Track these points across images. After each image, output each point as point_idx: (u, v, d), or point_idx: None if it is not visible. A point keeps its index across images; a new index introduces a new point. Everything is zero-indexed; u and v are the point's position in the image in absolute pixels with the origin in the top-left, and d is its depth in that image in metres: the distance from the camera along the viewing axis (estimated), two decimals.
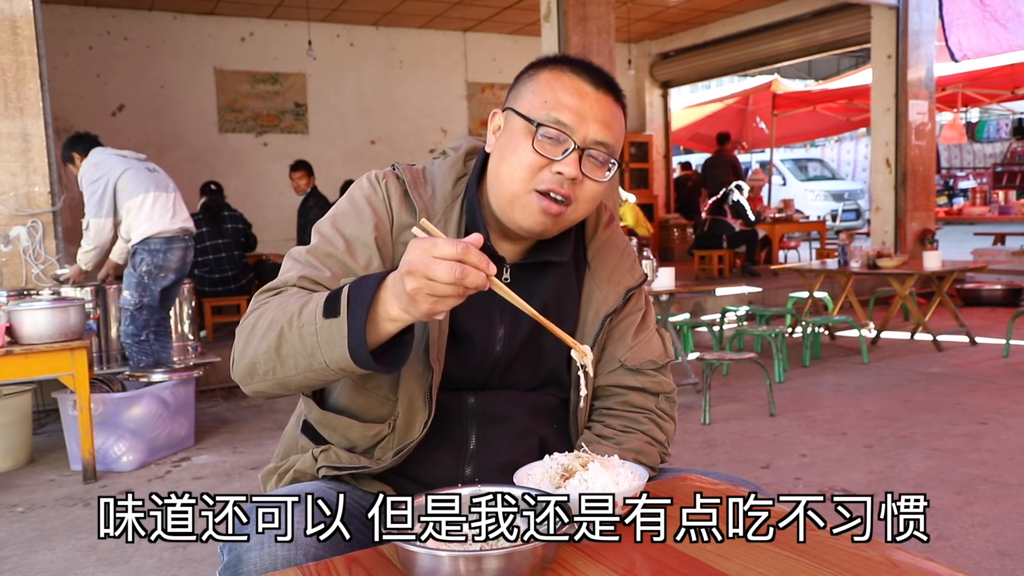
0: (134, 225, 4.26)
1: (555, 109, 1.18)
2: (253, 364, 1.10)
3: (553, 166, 1.17)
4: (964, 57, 8.15)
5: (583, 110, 1.18)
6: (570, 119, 1.17)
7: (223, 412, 4.86)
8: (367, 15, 9.54)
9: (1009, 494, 3.06)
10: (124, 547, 2.82)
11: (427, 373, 1.19)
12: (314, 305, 1.03)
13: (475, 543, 0.86)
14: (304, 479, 1.25)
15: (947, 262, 6.45)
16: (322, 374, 1.05)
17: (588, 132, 1.18)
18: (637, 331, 1.35)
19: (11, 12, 4.41)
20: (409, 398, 1.20)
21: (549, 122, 1.17)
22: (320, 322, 1.01)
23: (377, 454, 1.22)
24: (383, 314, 1.00)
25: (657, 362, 1.34)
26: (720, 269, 9.20)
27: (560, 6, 6.50)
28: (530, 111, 1.19)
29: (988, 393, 4.64)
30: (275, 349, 1.07)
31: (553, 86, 1.20)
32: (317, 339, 1.02)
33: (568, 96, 1.19)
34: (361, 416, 1.24)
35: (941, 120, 11.14)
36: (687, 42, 11.38)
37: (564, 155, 1.17)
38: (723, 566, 0.86)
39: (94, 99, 8.54)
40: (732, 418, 4.31)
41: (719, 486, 1.14)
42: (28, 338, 3.34)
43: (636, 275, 1.36)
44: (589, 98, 1.19)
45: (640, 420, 1.31)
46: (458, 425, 1.24)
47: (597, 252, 1.35)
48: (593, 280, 1.33)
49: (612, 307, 1.31)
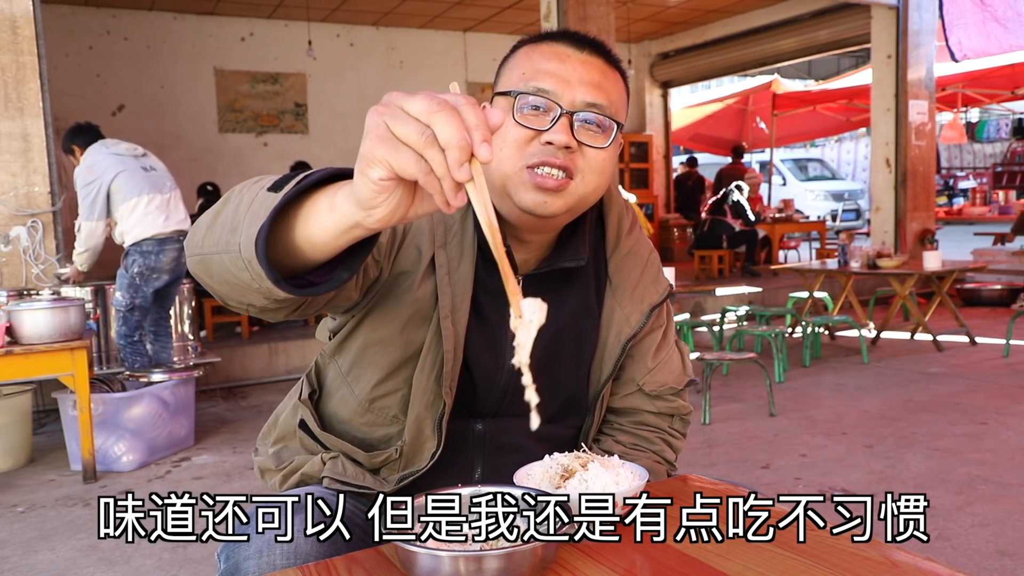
0: (127, 228, 4.26)
1: (535, 78, 1.06)
2: (196, 226, 0.92)
3: (542, 136, 1.05)
4: (964, 57, 8.15)
5: (566, 73, 1.06)
6: (552, 84, 1.06)
7: (223, 412, 4.86)
8: (367, 15, 9.54)
9: (1009, 494, 3.06)
10: (124, 547, 2.83)
11: (438, 403, 1.14)
12: (271, 179, 0.85)
13: (475, 543, 0.86)
14: (311, 482, 1.21)
15: (947, 262, 6.45)
16: (234, 272, 0.83)
17: (576, 95, 1.06)
18: (657, 351, 1.26)
19: (11, 12, 4.41)
20: (418, 425, 1.15)
21: (529, 90, 1.06)
22: (261, 194, 0.82)
23: (383, 474, 1.19)
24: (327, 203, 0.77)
25: (676, 387, 1.27)
26: (720, 269, 9.21)
27: (560, 6, 6.50)
28: (509, 86, 1.08)
29: (988, 393, 4.64)
30: (215, 214, 0.89)
31: (531, 56, 1.09)
32: (247, 210, 0.82)
33: (547, 62, 1.07)
34: (367, 436, 1.20)
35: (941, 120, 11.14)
36: (687, 42, 11.38)
37: (552, 123, 1.05)
38: (723, 566, 0.86)
39: (94, 99, 8.54)
40: (732, 418, 4.31)
41: (719, 486, 1.14)
42: (28, 338, 3.34)
43: (661, 288, 1.26)
44: (572, 59, 1.08)
45: (652, 440, 1.27)
46: (463, 453, 1.20)
47: (619, 265, 1.23)
48: (614, 297, 1.22)
49: (635, 329, 1.21)
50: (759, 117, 13.07)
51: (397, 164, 0.67)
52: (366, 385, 1.18)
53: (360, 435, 1.21)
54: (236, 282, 0.85)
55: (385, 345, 1.15)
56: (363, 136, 0.70)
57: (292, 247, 0.82)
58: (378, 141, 0.67)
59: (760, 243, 9.50)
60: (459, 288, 1.13)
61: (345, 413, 1.22)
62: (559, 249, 1.18)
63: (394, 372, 1.16)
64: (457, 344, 1.12)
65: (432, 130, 0.65)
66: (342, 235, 0.77)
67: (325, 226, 0.77)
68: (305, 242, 0.80)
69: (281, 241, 0.82)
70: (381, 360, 1.16)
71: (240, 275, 0.83)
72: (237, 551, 1.03)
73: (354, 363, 1.19)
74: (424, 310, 1.13)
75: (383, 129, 0.67)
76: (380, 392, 1.17)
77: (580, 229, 1.19)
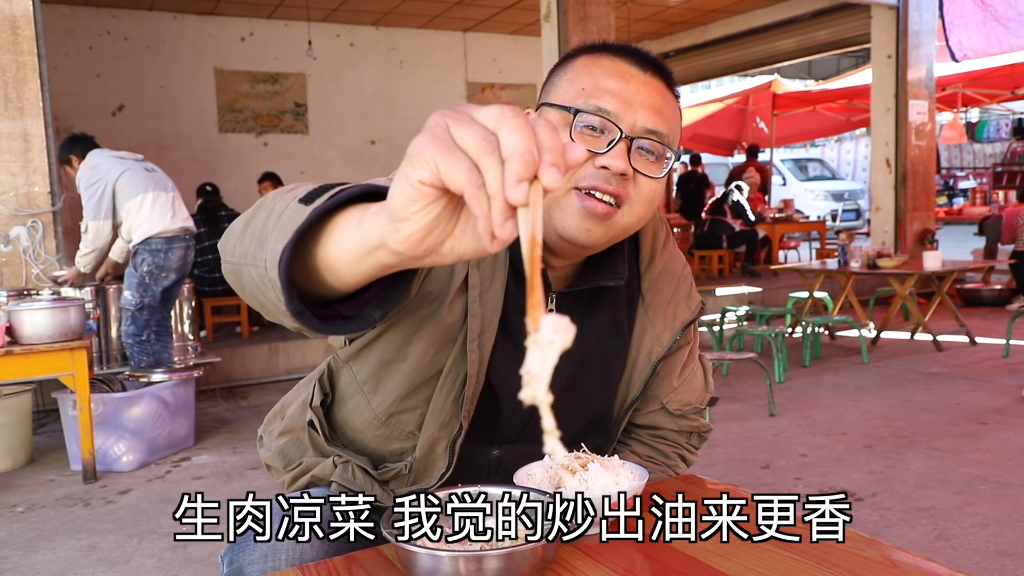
0: (135, 225, 4.26)
1: (595, 95, 1.00)
2: (230, 230, 0.87)
3: (597, 160, 0.99)
4: (964, 57, 8.15)
5: (628, 94, 1.00)
6: (614, 105, 0.99)
7: (223, 412, 4.86)
8: (367, 15, 9.54)
9: (1009, 494, 3.06)
10: (124, 547, 2.83)
11: (454, 424, 1.10)
12: (305, 188, 0.77)
13: (475, 543, 0.86)
14: (321, 484, 1.19)
15: (947, 262, 6.45)
16: (262, 289, 0.76)
17: (637, 119, 1.00)
18: (683, 368, 1.23)
19: (11, 12, 4.41)
20: (430, 444, 1.12)
21: (589, 109, 1.00)
22: (292, 205, 0.74)
23: (392, 486, 1.17)
24: (358, 218, 0.68)
25: (698, 407, 1.24)
26: (720, 269, 9.21)
27: (560, 6, 6.50)
28: (566, 100, 1.02)
29: (988, 393, 4.64)
30: (247, 221, 0.82)
31: (591, 70, 1.03)
32: (276, 222, 0.74)
33: (610, 80, 1.01)
34: (379, 448, 1.17)
35: (941, 120, 11.14)
36: (687, 42, 11.38)
37: (609, 147, 0.99)
38: (723, 566, 0.86)
39: (94, 99, 8.54)
40: (732, 418, 4.31)
41: (719, 486, 1.14)
42: (28, 338, 3.34)
43: (693, 305, 1.21)
44: (635, 80, 1.02)
45: (668, 454, 1.26)
46: (477, 479, 1.17)
47: (653, 282, 1.18)
48: (647, 315, 1.18)
49: (665, 348, 1.17)
50: (759, 117, 13.07)
51: (445, 168, 0.56)
52: (383, 400, 1.14)
53: (372, 446, 1.18)
54: (264, 300, 0.78)
55: (407, 363, 1.10)
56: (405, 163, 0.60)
57: (315, 270, 0.73)
58: (431, 139, 0.57)
59: (760, 243, 9.51)
60: (488, 309, 1.08)
61: (359, 422, 1.18)
62: (594, 266, 1.12)
63: (414, 391, 1.12)
64: (481, 368, 1.08)
65: (497, 138, 0.55)
66: (364, 257, 0.66)
67: (349, 245, 0.68)
68: (325, 264, 0.71)
69: (306, 263, 0.73)
70: (401, 379, 1.11)
71: (268, 294, 0.75)
72: (241, 553, 1.03)
73: (371, 375, 1.15)
74: (450, 332, 1.08)
75: (441, 129, 0.57)
76: (398, 408, 1.13)
77: (618, 245, 1.13)
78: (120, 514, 3.17)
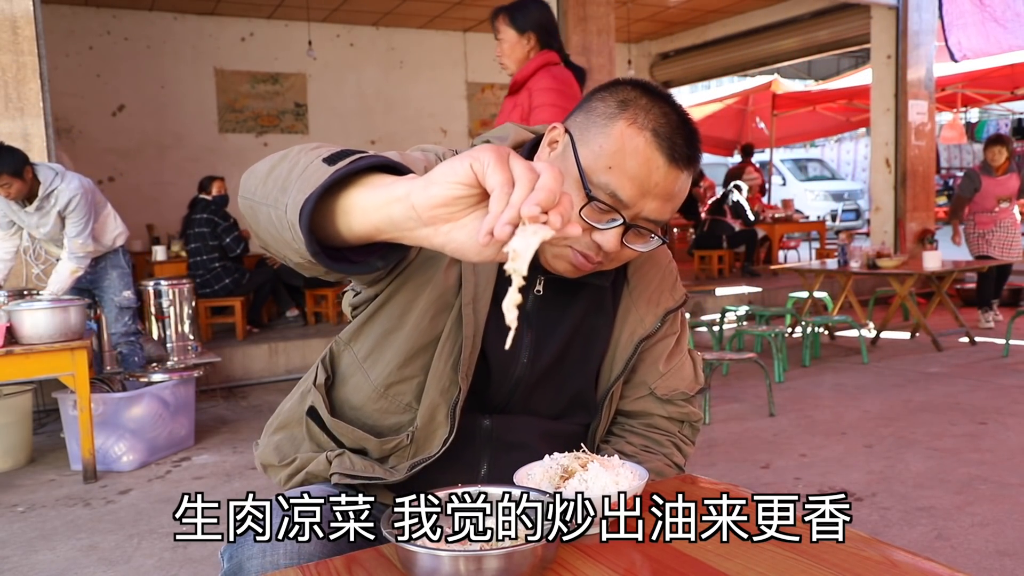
0: (110, 230, 4.30)
1: (615, 179, 1.04)
2: (253, 171, 0.96)
3: (594, 234, 1.06)
4: (964, 57, 8.15)
5: (647, 186, 1.05)
6: (628, 195, 1.04)
7: (223, 412, 4.86)
8: (367, 15, 9.54)
9: (1009, 494, 3.06)
10: (124, 547, 2.83)
11: (453, 389, 1.14)
12: (329, 150, 0.87)
13: (475, 543, 0.86)
14: (316, 481, 1.21)
15: (947, 262, 6.45)
16: (278, 228, 0.87)
17: (644, 208, 1.06)
18: (670, 356, 1.27)
19: (11, 12, 4.41)
20: (431, 411, 1.16)
21: (604, 195, 1.04)
22: (316, 163, 0.85)
23: (392, 462, 1.19)
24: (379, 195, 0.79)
25: (687, 393, 1.29)
26: (720, 269, 9.21)
27: (560, 6, 6.50)
28: (589, 168, 1.05)
29: (988, 393, 4.64)
30: (272, 167, 0.92)
31: (624, 149, 1.04)
32: (300, 175, 0.85)
33: (636, 165, 1.04)
34: (378, 423, 1.20)
35: (941, 120, 11.13)
36: (687, 42, 11.38)
37: (608, 225, 1.06)
38: (723, 566, 0.86)
39: (94, 99, 8.55)
40: (732, 418, 4.31)
41: (719, 486, 1.14)
42: (28, 338, 3.34)
43: (677, 296, 1.27)
44: (658, 173, 1.05)
45: (663, 443, 1.28)
46: (470, 448, 1.20)
47: (639, 268, 1.25)
48: (631, 298, 1.24)
49: (648, 330, 1.23)
50: (759, 117, 13.06)
51: (492, 170, 0.70)
52: (382, 370, 1.19)
53: (371, 422, 1.21)
54: (279, 236, 0.89)
55: (405, 330, 1.16)
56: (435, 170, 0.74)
57: (332, 218, 0.84)
58: (495, 153, 0.71)
59: (760, 243, 9.50)
60: (483, 276, 1.14)
61: (358, 399, 1.22)
62: None
63: (412, 358, 1.17)
64: (477, 331, 1.14)
65: (537, 175, 0.70)
66: (382, 207, 0.78)
67: (375, 193, 0.79)
68: (342, 209, 0.82)
69: (323, 211, 0.84)
70: (400, 346, 1.17)
71: (283, 233, 0.87)
72: (240, 551, 1.04)
73: (372, 349, 1.20)
74: (447, 297, 1.14)
75: (505, 153, 0.71)
76: (396, 378, 1.18)
77: None
78: (120, 514, 3.18)
